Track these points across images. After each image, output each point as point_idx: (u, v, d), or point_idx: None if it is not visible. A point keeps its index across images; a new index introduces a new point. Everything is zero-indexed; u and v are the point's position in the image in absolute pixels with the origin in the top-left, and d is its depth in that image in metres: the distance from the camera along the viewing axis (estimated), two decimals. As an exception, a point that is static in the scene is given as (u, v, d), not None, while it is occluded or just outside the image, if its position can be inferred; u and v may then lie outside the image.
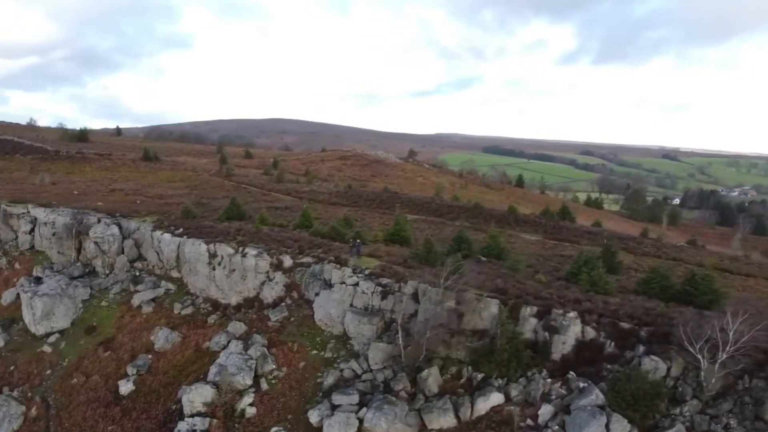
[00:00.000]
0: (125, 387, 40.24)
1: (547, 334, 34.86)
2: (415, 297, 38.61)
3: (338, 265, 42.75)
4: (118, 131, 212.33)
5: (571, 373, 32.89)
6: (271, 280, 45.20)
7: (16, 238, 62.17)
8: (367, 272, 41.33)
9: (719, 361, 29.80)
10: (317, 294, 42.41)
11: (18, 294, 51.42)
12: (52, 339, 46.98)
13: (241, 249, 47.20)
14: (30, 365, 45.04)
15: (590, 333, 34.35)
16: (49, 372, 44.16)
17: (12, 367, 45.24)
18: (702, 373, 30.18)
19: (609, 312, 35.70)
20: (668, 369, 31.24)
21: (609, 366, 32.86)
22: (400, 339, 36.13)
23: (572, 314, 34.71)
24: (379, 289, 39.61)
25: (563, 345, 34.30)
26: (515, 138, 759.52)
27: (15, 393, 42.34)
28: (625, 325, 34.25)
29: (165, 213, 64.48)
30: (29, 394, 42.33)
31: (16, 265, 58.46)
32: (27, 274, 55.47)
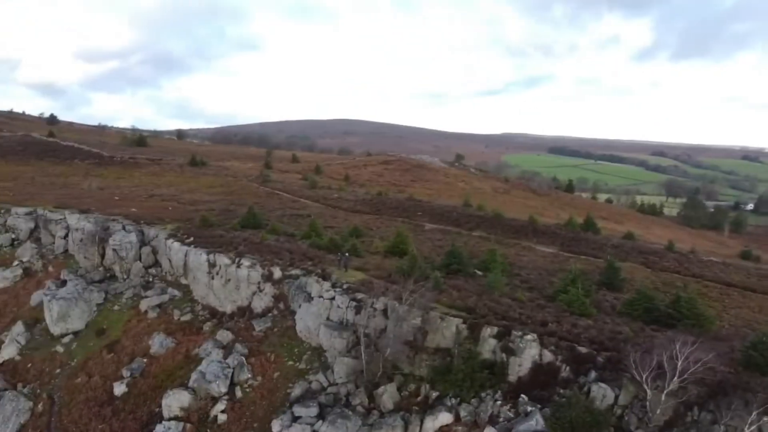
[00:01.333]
0: (119, 388, 43.21)
1: (504, 355, 35.02)
2: (385, 313, 39.48)
3: (320, 279, 44.18)
4: (179, 135, 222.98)
5: (523, 396, 32.97)
6: (261, 290, 47.17)
7: (53, 242, 67.10)
8: (345, 286, 42.48)
9: (666, 391, 29.28)
10: (299, 306, 43.95)
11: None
12: (65, 340, 50.82)
13: (237, 260, 49.42)
14: (44, 363, 48.96)
15: (548, 356, 34.23)
16: (58, 371, 47.88)
17: (29, 365, 49.32)
18: (648, 403, 29.69)
19: (571, 335, 35.44)
20: (616, 397, 30.89)
21: (562, 391, 32.72)
22: (363, 354, 37.11)
23: (530, 337, 34.67)
24: (353, 303, 40.69)
25: (519, 367, 34.37)
26: (583, 138, 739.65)
27: (25, 389, 46.22)
28: (582, 349, 33.95)
29: (188, 220, 67.82)
30: (38, 390, 46.10)
31: (50, 268, 63.17)
32: (57, 277, 59.88)
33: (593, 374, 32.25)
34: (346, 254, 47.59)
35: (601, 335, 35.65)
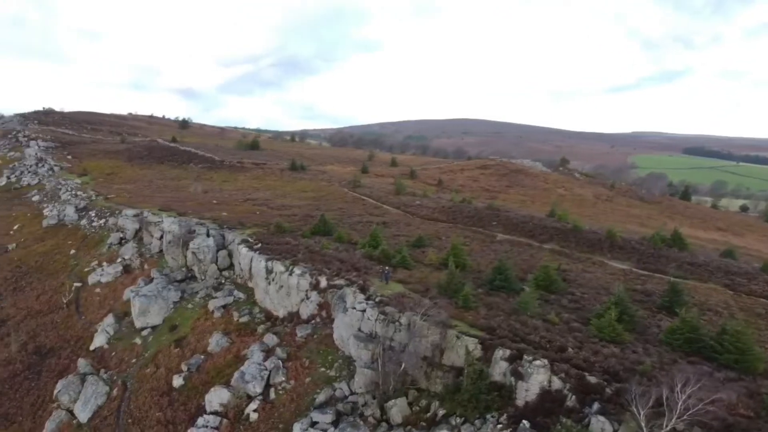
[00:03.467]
0: (177, 381, 47.92)
1: (513, 379, 34.89)
2: (409, 328, 40.58)
3: (358, 291, 46.09)
4: (300, 136, 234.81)
5: (525, 422, 32.75)
6: (308, 298, 49.99)
7: (152, 242, 74.74)
8: (377, 299, 44.06)
9: (663, 430, 28.05)
10: (337, 316, 46.18)
11: (134, 292, 62.63)
12: (144, 333, 56.90)
13: (291, 267, 52.64)
14: (124, 353, 55.24)
15: (556, 383, 33.68)
16: (134, 360, 53.84)
17: (113, 353, 55.87)
18: (645, 442, 28.54)
19: (585, 364, 34.58)
20: (614, 431, 29.91)
21: (564, 420, 32.12)
22: (380, 367, 38.55)
23: (539, 362, 34.29)
24: (382, 317, 42.15)
25: (527, 392, 34.13)
26: (724, 137, 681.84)
27: (105, 375, 52.50)
28: (592, 379, 33.06)
29: (268, 225, 72.65)
30: (115, 377, 52.19)
31: (145, 266, 70.58)
32: (148, 275, 66.84)
33: (596, 406, 31.38)
34: (387, 268, 49.17)
35: (619, 365, 34.44)
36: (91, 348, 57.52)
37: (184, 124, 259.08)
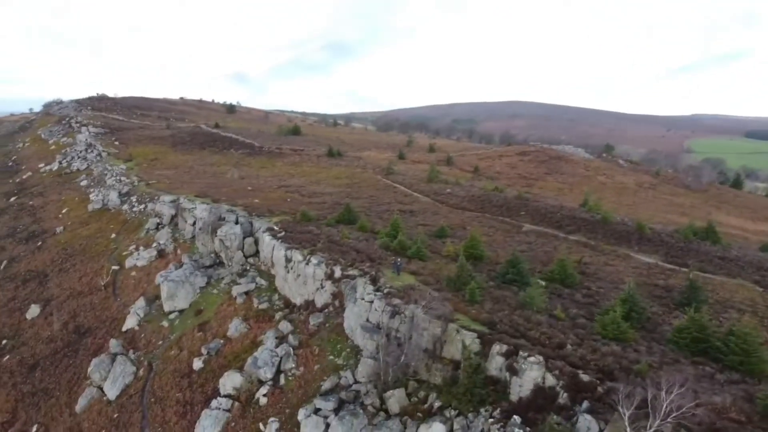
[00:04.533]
0: (197, 363, 50.22)
1: (508, 374, 35.30)
2: (413, 320, 41.32)
3: (369, 281, 47.05)
4: (334, 122, 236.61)
5: (516, 417, 33.18)
6: (322, 287, 51.29)
7: (185, 228, 77.58)
8: (386, 291, 44.92)
9: (647, 432, 28.08)
10: (348, 305, 47.34)
11: (165, 276, 65.45)
12: (172, 316, 59.56)
13: (308, 257, 54.03)
14: (152, 335, 58.05)
15: (550, 380, 33.92)
16: (160, 342, 56.55)
17: (142, 335, 58.78)
18: (628, 443, 28.62)
19: (581, 362, 34.66)
20: (601, 431, 30.01)
21: (554, 416, 32.37)
22: (381, 357, 39.53)
23: (534, 359, 34.58)
24: (389, 308, 43.00)
25: (520, 388, 34.51)
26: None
27: (133, 356, 55.39)
28: (585, 377, 33.16)
29: (296, 213, 74.24)
30: (142, 358, 55.01)
31: (178, 252, 73.41)
32: (179, 260, 69.60)
33: (585, 404, 31.54)
34: (398, 259, 49.94)
35: (615, 364, 34.39)
36: (123, 329, 60.62)
37: (231, 109, 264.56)
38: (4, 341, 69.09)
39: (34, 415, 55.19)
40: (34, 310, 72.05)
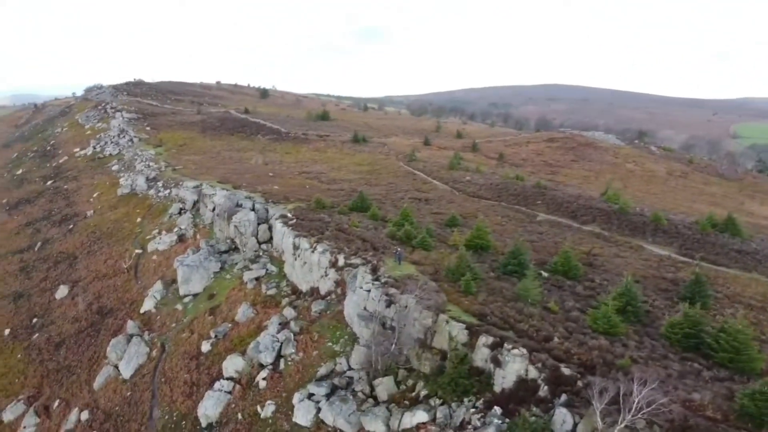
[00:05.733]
0: (205, 346, 52.16)
1: (492, 365, 35.84)
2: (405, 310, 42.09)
3: (368, 271, 47.93)
4: (365, 107, 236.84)
5: (496, 408, 33.76)
6: (326, 275, 52.44)
7: (205, 214, 79.75)
8: (383, 280, 45.75)
9: (617, 428, 28.34)
10: (348, 294, 48.38)
11: (182, 261, 67.67)
12: (186, 300, 61.76)
13: (315, 245, 55.19)
14: (167, 318, 60.37)
15: (533, 373, 34.34)
16: (174, 325, 58.79)
17: (158, 317, 61.15)
18: (600, 437, 28.96)
19: (565, 355, 34.95)
20: (575, 424, 30.37)
21: (535, 408, 32.83)
22: (373, 345, 40.49)
23: (517, 351, 35.00)
24: (385, 298, 43.86)
25: (503, 379, 35.03)
26: None
27: (148, 337, 57.76)
28: (566, 371, 33.47)
29: (311, 200, 75.44)
30: (156, 339, 57.33)
31: (197, 237, 75.63)
32: (197, 245, 71.77)
33: (563, 398, 31.89)
34: (398, 249, 50.67)
35: (599, 359, 34.57)
36: (141, 311, 63.17)
37: (265, 94, 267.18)
38: (35, 319, 72.81)
39: (57, 391, 58.33)
40: (62, 291, 75.55)
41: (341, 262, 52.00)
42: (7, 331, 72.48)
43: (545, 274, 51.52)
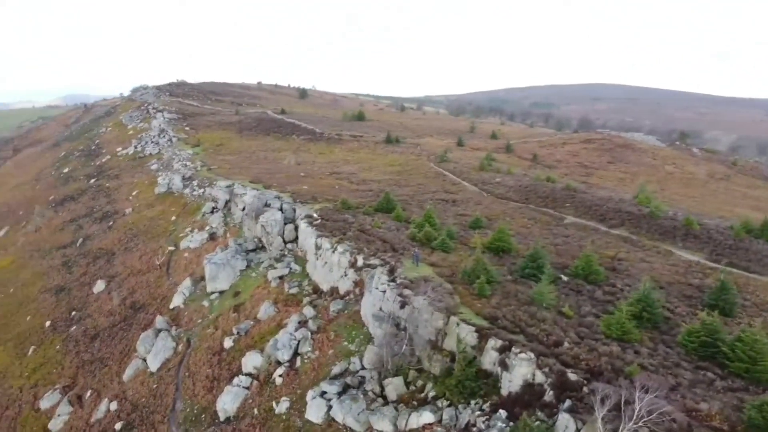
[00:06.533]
0: (227, 343, 53.58)
1: (499, 369, 35.91)
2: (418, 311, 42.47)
3: (385, 271, 48.46)
4: (401, 107, 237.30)
5: (501, 411, 33.87)
6: (345, 275, 53.20)
7: (236, 213, 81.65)
8: (398, 281, 46.21)
9: (619, 435, 28.19)
10: (365, 294, 49.01)
11: (210, 258, 69.52)
12: (213, 297, 63.46)
13: (335, 245, 56.04)
14: (194, 314, 62.18)
15: (539, 377, 34.30)
16: (200, 321, 60.51)
17: (186, 313, 63.05)
18: (601, 444, 28.80)
19: (572, 360, 34.76)
20: (577, 431, 30.23)
21: (539, 413, 32.80)
22: (384, 346, 41.01)
23: (524, 355, 34.99)
24: (399, 299, 44.32)
25: (510, 383, 35.08)
26: None
27: (175, 332, 59.61)
28: (573, 376, 33.30)
29: (338, 200, 76.35)
30: (182, 334, 59.13)
31: (227, 235, 77.52)
32: (226, 244, 73.59)
33: (567, 403, 31.78)
34: (416, 250, 51.04)
35: (608, 365, 34.27)
36: (170, 307, 65.24)
37: (304, 94, 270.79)
38: (74, 312, 75.96)
39: (90, 381, 60.82)
40: (99, 285, 78.54)
41: (360, 262, 52.67)
42: (48, 323, 75.85)
43: (565, 278, 51.13)
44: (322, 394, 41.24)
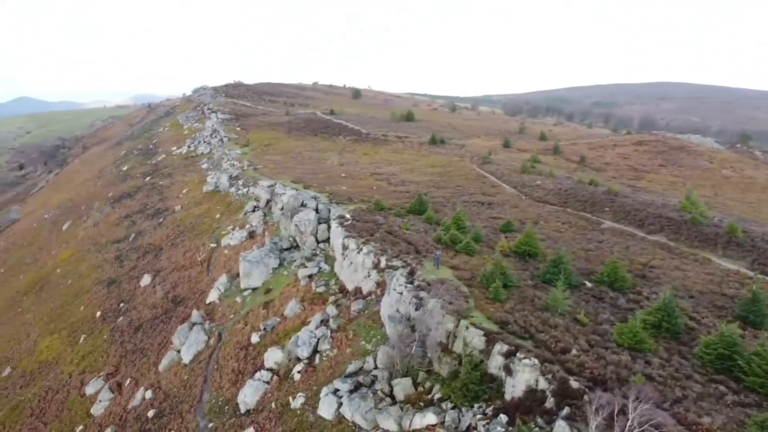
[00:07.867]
0: (254, 338, 55.44)
1: (504, 374, 35.95)
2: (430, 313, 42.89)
3: (405, 273, 49.07)
4: (453, 108, 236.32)
5: (502, 416, 33.97)
6: (369, 276, 54.09)
7: (275, 212, 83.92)
8: (416, 284, 46.75)
9: (612, 445, 27.95)
10: (385, 295, 49.75)
11: (247, 256, 71.85)
12: (246, 293, 65.63)
13: (361, 246, 57.02)
14: (227, 309, 64.50)
15: (542, 384, 34.18)
16: (232, 316, 62.72)
17: (220, 308, 65.46)
18: (595, 454, 28.58)
19: (577, 368, 34.43)
20: (573, 438, 30.07)
21: (539, 419, 32.71)
22: (395, 346, 41.66)
23: (528, 361, 34.94)
24: (414, 300, 44.87)
25: (513, 388, 35.12)
26: None
27: (208, 326, 62.02)
28: (574, 384, 33.02)
29: (372, 201, 77.32)
30: (214, 329, 61.48)
31: (265, 234, 79.88)
32: (263, 242, 75.84)
33: (566, 410, 31.59)
34: (438, 252, 51.36)
35: (614, 374, 33.79)
36: (207, 302, 67.86)
37: (357, 94, 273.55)
38: (122, 304, 80.00)
39: (130, 370, 64.01)
40: (146, 279, 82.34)
41: (383, 263, 53.44)
42: (98, 314, 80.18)
43: (589, 285, 50.42)
44: (335, 391, 42.27)
